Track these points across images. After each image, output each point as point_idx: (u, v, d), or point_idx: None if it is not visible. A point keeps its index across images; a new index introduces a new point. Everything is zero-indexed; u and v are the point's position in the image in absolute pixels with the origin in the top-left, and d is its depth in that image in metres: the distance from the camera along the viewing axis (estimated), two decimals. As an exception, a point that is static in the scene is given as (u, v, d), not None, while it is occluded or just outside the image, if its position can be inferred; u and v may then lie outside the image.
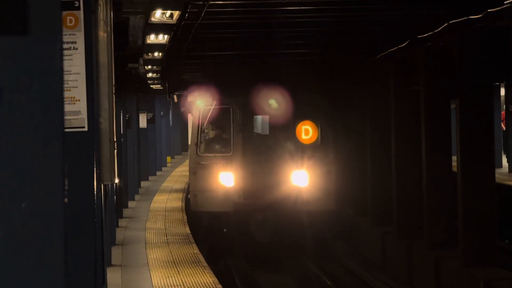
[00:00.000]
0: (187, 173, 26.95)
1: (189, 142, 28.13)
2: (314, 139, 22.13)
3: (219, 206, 21.14)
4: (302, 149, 21.53)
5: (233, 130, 21.59)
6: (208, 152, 21.95)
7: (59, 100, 1.68)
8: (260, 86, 21.48)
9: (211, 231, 21.27)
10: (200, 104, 21.78)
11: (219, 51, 20.71)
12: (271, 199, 20.89)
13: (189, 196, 23.69)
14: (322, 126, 21.94)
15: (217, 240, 21.24)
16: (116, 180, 6.84)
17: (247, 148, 21.44)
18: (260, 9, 14.91)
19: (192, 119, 24.23)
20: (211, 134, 22.38)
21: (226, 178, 21.47)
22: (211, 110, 21.40)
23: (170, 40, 14.93)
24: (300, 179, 21.31)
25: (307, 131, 21.99)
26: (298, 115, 21.69)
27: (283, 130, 21.76)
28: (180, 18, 12.28)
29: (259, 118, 22.59)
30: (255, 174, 21.22)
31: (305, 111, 21.83)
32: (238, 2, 14.10)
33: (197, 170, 21.70)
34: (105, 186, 7.15)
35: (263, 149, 21.69)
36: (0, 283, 1.77)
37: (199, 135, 21.79)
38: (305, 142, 21.87)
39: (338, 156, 22.58)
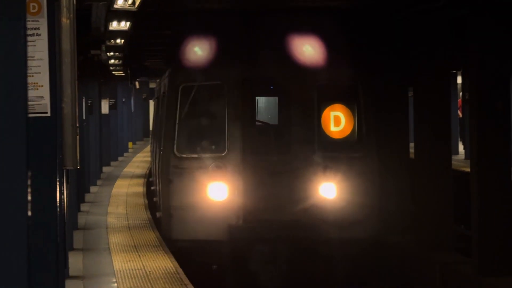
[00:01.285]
0: (149, 159, 26.42)
1: (153, 134, 21.73)
2: (348, 131, 14.12)
3: (207, 233, 13.64)
4: (330, 147, 14.23)
5: (227, 118, 14.09)
6: (190, 152, 14.26)
7: (23, 86, 1.69)
8: (268, 51, 14.44)
9: (195, 269, 12.98)
10: (179, 80, 14.45)
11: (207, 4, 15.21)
12: (284, 223, 13.68)
13: (159, 215, 15.81)
14: (361, 112, 14.24)
15: (203, 283, 12.87)
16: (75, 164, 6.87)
17: (249, 145, 14.00)
18: None
19: (163, 103, 16.33)
20: (195, 124, 14.53)
21: (218, 190, 13.94)
22: (196, 88, 14.19)
23: (132, 27, 15.31)
24: (327, 192, 13.98)
25: (337, 120, 14.34)
26: (324, 95, 14.21)
27: (302, 118, 14.15)
28: (141, 4, 12.22)
29: (264, 100, 15.80)
30: (260, 185, 13.88)
31: (335, 90, 14.41)
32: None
33: (174, 178, 14.17)
34: (67, 171, 7.24)
35: (271, 146, 14.41)
36: None
37: (176, 126, 14.29)
38: (335, 136, 14.26)
39: (386, 157, 15.38)
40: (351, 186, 13.73)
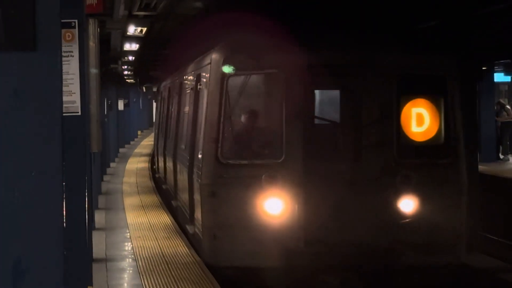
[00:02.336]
0: (152, 143, 31.75)
1: (159, 126, 20.18)
2: (433, 132, 11.18)
3: (261, 258, 10.97)
4: (411, 152, 11.44)
5: (285, 116, 11.06)
6: (239, 157, 11.29)
7: (59, 93, 2.45)
8: (335, 32, 11.51)
9: None
10: (225, 68, 11.36)
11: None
12: (355, 247, 10.98)
13: (198, 233, 12.11)
14: (449, 109, 11.38)
15: None
16: (98, 148, 9.34)
17: (312, 149, 10.93)
18: None
19: (197, 97, 12.78)
20: (245, 123, 11.57)
21: (273, 206, 10.96)
22: (245, 78, 11.20)
23: (140, 48, 20.69)
24: (409, 208, 11.22)
25: (420, 118, 11.59)
26: (405, 88, 11.35)
27: (377, 116, 11.30)
28: (147, 32, 17.25)
29: (319, 93, 12.45)
30: (326, 199, 11.07)
31: (419, 81, 11.50)
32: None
33: (218, 190, 11.21)
34: (93, 153, 9.87)
35: (338, 152, 11.54)
36: (8, 222, 2.63)
37: (221, 125, 11.38)
38: (418, 139, 11.51)
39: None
40: (437, 200, 10.66)
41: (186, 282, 9.40)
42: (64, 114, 2.76)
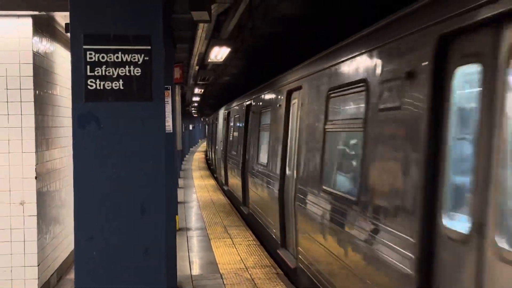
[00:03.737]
0: (205, 147, 60.69)
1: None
2: None
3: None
4: None
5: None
6: None
7: (163, 122, 4.42)
8: None
9: None
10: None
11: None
12: None
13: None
14: None
15: None
16: (180, 147, 16.09)
17: None
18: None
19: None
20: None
21: None
22: None
23: (200, 100, 35.52)
24: None
25: None
26: None
27: None
28: (203, 91, 28.96)
29: None
30: None
31: None
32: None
33: None
34: (178, 150, 16.60)
35: None
36: (137, 186, 4.46)
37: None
38: None
39: None
40: None
41: (223, 213, 16.19)
42: (166, 132, 4.92)
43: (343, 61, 7.08)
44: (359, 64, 6.39)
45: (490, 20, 3.97)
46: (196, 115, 64.02)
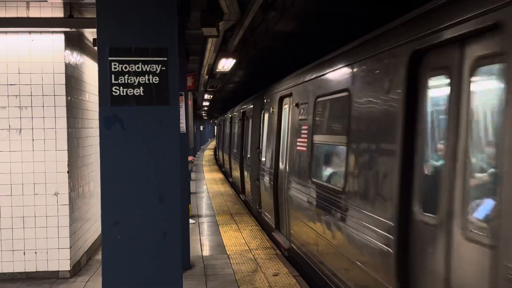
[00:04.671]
0: (214, 145, 57.21)
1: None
2: None
3: None
4: None
5: None
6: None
7: (178, 124, 4.41)
8: None
9: None
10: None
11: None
12: None
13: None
14: None
15: None
16: (192, 145, 16.45)
17: None
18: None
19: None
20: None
21: None
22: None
23: (209, 104, 36.82)
24: None
25: None
26: None
27: None
28: (212, 97, 30.23)
29: None
30: None
31: None
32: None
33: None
34: (191, 148, 17.29)
35: None
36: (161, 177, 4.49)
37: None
38: None
39: None
40: None
41: (230, 202, 16.07)
42: (180, 132, 4.87)
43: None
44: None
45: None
46: (206, 118, 63.90)
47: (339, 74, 6.66)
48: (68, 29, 8.16)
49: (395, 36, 5.06)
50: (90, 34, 9.50)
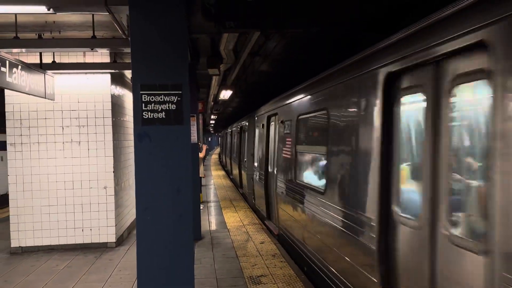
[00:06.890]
0: (218, 152, 57.60)
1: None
2: None
3: None
4: None
5: None
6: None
7: (189, 138, 4.37)
8: None
9: None
10: None
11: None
12: None
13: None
14: None
15: None
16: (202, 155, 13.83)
17: None
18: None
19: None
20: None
21: None
22: None
23: (215, 122, 33.84)
24: None
25: None
26: None
27: None
28: (217, 117, 28.26)
29: None
30: None
31: None
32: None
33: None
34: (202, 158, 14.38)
35: None
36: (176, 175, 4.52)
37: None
38: None
39: None
40: None
41: (230, 192, 15.63)
42: (192, 143, 4.81)
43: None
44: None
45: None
46: (212, 131, 65.36)
47: (318, 96, 5.82)
48: (113, 71, 8.16)
49: (369, 61, 4.32)
50: (128, 73, 9.50)
